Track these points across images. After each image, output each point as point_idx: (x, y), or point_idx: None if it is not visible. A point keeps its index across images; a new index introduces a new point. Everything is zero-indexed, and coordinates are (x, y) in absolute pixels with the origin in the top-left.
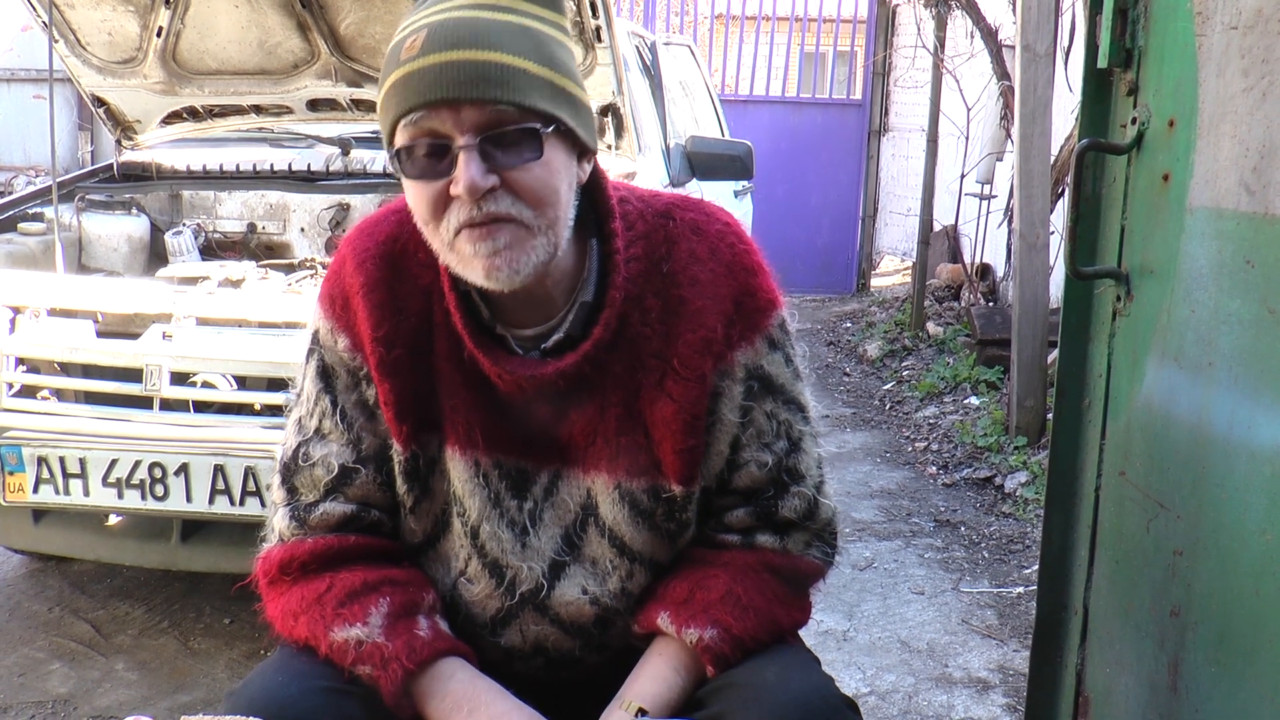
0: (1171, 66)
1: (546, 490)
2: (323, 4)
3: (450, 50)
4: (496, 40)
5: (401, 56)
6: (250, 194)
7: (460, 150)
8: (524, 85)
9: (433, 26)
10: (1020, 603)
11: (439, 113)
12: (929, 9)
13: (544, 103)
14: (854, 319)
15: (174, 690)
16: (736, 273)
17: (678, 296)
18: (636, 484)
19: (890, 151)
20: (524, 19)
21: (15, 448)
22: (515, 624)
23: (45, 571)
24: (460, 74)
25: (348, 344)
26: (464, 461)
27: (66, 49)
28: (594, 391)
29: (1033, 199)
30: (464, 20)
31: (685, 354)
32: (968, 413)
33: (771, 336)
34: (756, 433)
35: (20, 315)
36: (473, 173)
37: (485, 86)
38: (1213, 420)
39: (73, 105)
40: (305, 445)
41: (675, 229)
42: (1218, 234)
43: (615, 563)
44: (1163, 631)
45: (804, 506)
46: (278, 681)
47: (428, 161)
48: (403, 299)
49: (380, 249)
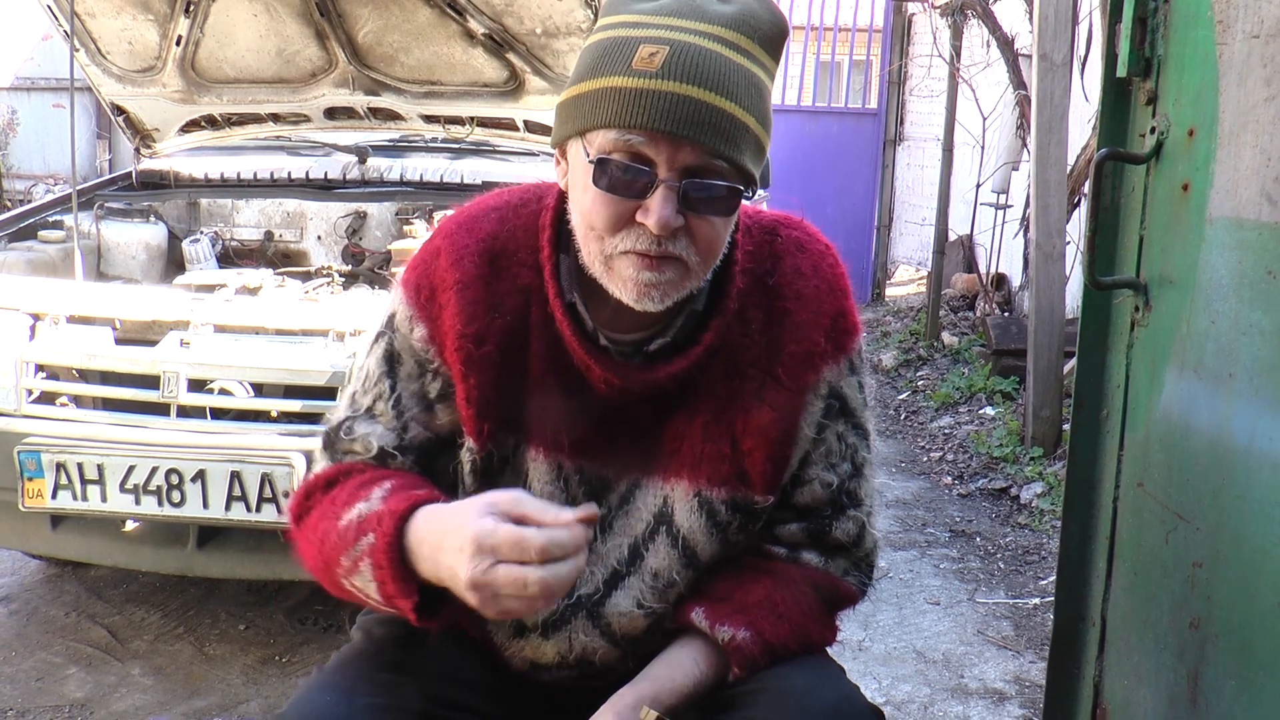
0: (1192, 75)
1: (622, 499)
2: (341, 13)
3: (692, 85)
4: (733, 89)
5: (634, 65)
6: (268, 202)
7: (662, 184)
8: (744, 143)
9: (676, 48)
10: (1036, 614)
11: (658, 141)
12: (945, 18)
13: (751, 164)
14: (869, 329)
15: (189, 695)
16: (836, 293)
17: (782, 309)
18: (716, 493)
19: (905, 161)
20: (755, 67)
21: (34, 454)
22: (566, 630)
23: (62, 577)
24: (696, 114)
25: (424, 335)
26: (547, 464)
27: (87, 58)
28: (685, 399)
29: (1049, 209)
30: (709, 54)
31: (790, 365)
32: (983, 423)
33: (853, 360)
34: (825, 452)
35: (40, 322)
36: (668, 212)
37: (714, 135)
38: (1233, 432)
39: (91, 113)
40: (351, 420)
41: (781, 245)
42: (1238, 244)
43: (681, 574)
44: (1182, 644)
45: (855, 531)
46: (325, 700)
47: (625, 180)
48: (500, 297)
49: (480, 246)
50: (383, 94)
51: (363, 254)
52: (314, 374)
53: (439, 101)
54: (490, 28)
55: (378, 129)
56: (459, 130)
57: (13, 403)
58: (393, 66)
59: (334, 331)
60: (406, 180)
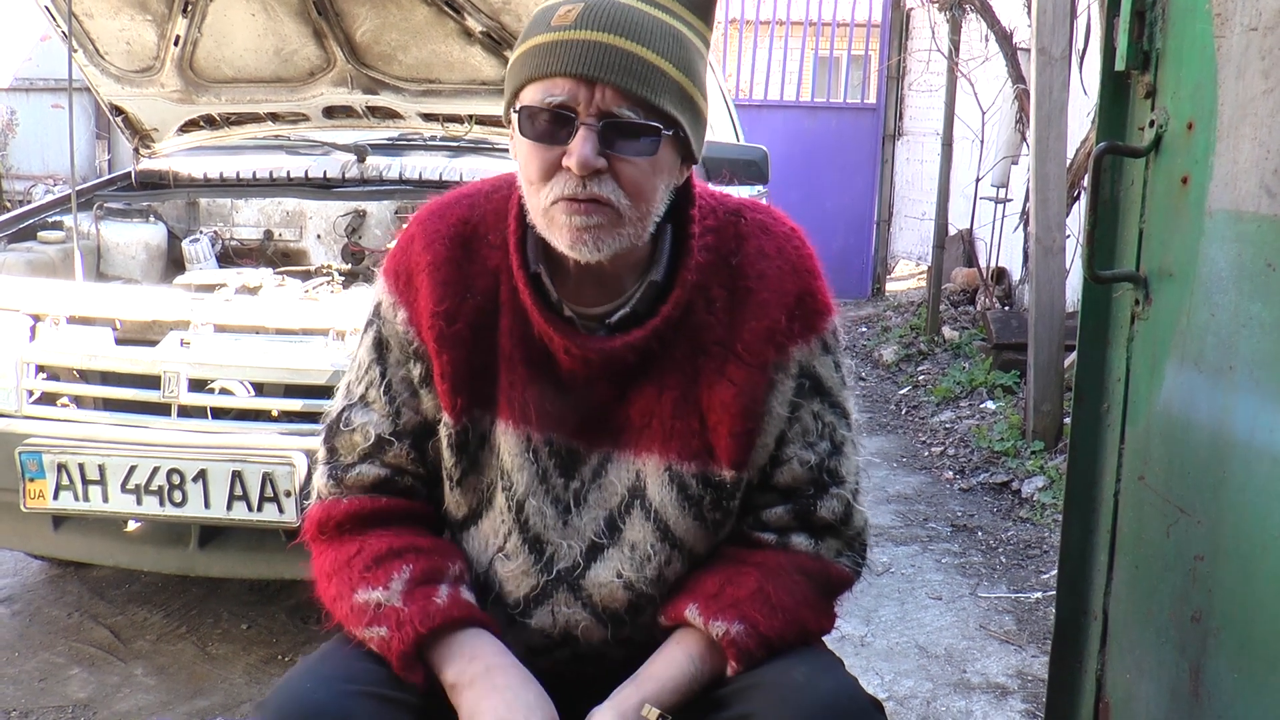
0: (1190, 69)
1: (595, 472)
2: (339, 12)
3: (603, 32)
4: (648, 36)
5: (552, 22)
6: (267, 201)
7: (581, 125)
8: (660, 85)
9: (590, 4)
10: (1038, 608)
11: (575, 86)
12: (944, 12)
13: (672, 106)
14: (869, 324)
15: (192, 695)
16: (800, 273)
17: (744, 288)
18: (686, 467)
19: (905, 155)
20: (676, 22)
21: (35, 454)
22: (548, 604)
23: (64, 577)
24: (607, 57)
25: (405, 318)
26: (516, 436)
27: (85, 58)
28: (652, 375)
29: (1048, 202)
30: (622, 7)
31: (749, 340)
32: (984, 417)
33: (825, 340)
34: (802, 430)
35: (40, 323)
36: (587, 150)
37: (626, 76)
38: (1234, 425)
39: (90, 114)
40: (349, 410)
41: (745, 226)
42: (1238, 237)
43: (656, 547)
44: (1184, 637)
45: (841, 509)
46: (305, 687)
47: (549, 127)
48: (471, 277)
49: (451, 230)
50: (381, 92)
51: (362, 253)
52: (314, 373)
53: (437, 100)
54: (488, 25)
55: (376, 127)
56: (458, 128)
57: (14, 404)
58: (391, 65)
59: (334, 330)
60: (406, 179)
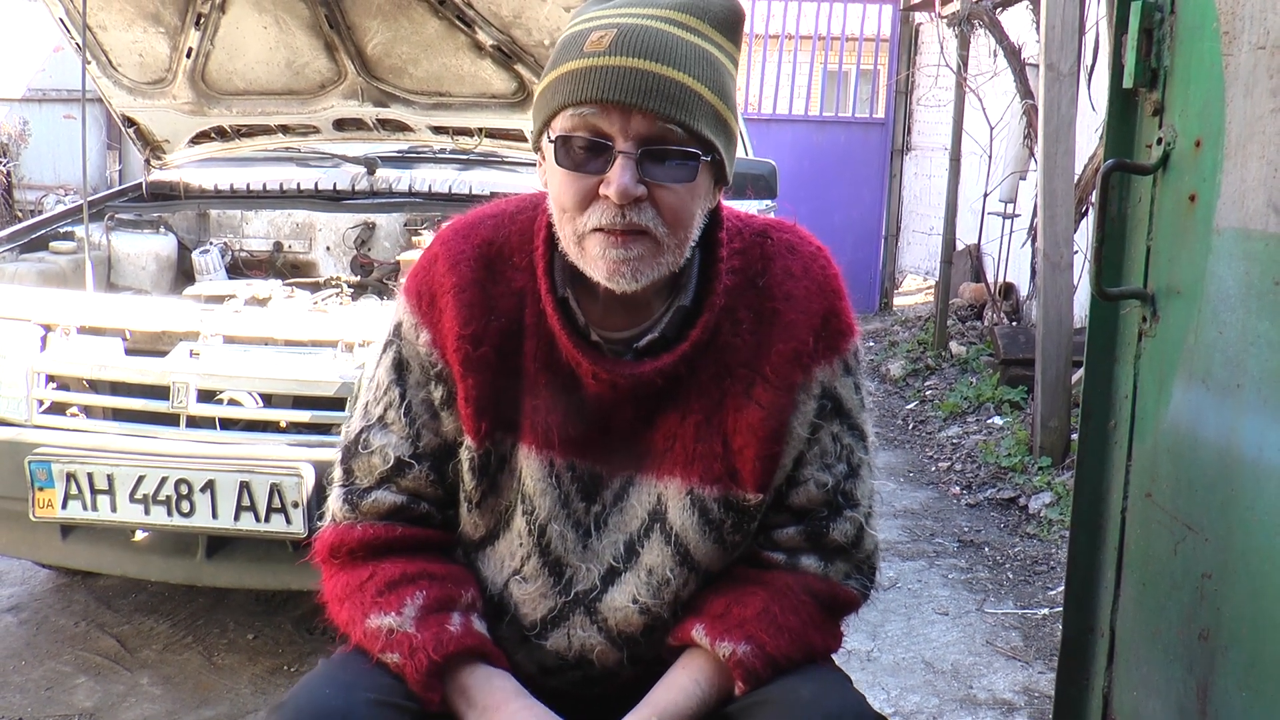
0: (1198, 86)
1: (616, 496)
2: (350, 25)
3: (638, 58)
4: (682, 60)
5: (585, 48)
6: (277, 213)
7: (619, 154)
8: (697, 110)
9: (623, 29)
10: (1045, 624)
11: (610, 113)
12: (952, 27)
13: (709, 131)
14: (876, 338)
15: (198, 705)
16: (827, 293)
17: (771, 309)
18: (708, 491)
19: (913, 170)
20: (707, 44)
21: (45, 464)
22: (564, 627)
23: (72, 586)
24: (643, 83)
25: (428, 339)
26: (538, 460)
27: (98, 70)
28: (676, 399)
29: (1056, 218)
30: (655, 32)
31: (777, 363)
32: (991, 433)
33: (847, 361)
34: (820, 452)
35: (51, 333)
36: (626, 179)
37: (663, 101)
38: (1242, 442)
39: (102, 125)
40: (367, 432)
41: (772, 247)
42: (1245, 255)
43: (675, 571)
44: (1191, 655)
45: (853, 532)
46: (324, 694)
47: (584, 156)
48: (495, 299)
49: (476, 251)
50: (391, 105)
51: (371, 265)
52: (323, 385)
53: (447, 113)
54: (499, 39)
55: (386, 140)
56: (467, 141)
57: (24, 413)
58: (401, 78)
59: (343, 342)
60: (415, 191)
